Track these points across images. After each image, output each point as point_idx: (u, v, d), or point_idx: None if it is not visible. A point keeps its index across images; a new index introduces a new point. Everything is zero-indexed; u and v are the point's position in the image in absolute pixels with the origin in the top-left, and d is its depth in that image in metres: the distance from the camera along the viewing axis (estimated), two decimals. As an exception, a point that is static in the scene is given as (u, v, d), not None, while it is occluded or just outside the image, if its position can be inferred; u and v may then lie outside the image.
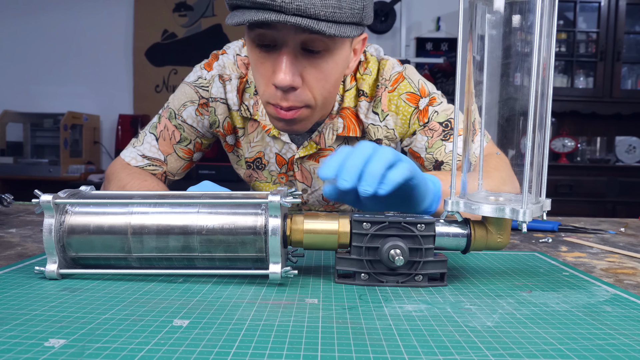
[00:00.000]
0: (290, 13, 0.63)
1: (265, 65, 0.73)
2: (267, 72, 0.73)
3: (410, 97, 0.89)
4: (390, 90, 0.89)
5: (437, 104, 0.90)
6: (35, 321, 0.38)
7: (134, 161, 0.92)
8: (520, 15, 0.49)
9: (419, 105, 0.89)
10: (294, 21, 0.63)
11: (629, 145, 3.29)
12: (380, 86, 0.89)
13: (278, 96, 0.73)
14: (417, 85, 0.90)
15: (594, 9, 3.23)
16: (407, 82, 0.90)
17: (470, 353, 0.34)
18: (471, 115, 0.53)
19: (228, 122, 0.93)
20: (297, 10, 0.63)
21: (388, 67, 0.89)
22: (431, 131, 0.89)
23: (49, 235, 0.49)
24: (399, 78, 0.90)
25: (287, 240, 0.50)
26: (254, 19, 0.63)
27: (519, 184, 0.49)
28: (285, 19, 0.62)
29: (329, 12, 0.64)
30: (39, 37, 3.54)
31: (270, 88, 0.73)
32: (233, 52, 0.92)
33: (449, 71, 3.42)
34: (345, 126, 0.88)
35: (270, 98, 0.74)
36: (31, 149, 3.26)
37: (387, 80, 0.89)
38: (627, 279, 0.56)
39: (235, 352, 0.34)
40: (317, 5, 0.63)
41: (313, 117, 0.79)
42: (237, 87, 0.90)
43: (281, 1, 0.62)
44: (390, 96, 0.89)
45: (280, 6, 0.62)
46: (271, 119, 0.80)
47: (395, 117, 0.90)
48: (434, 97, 0.90)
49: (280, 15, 0.63)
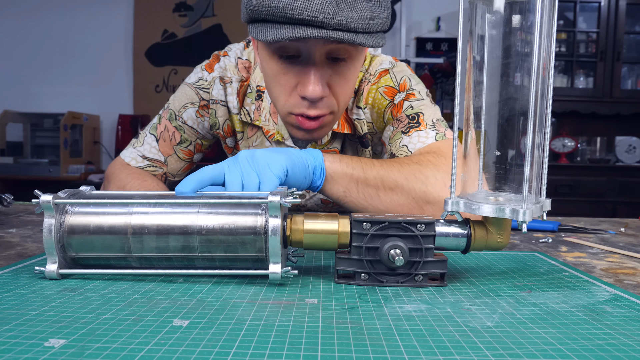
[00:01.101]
0: (332, 28, 0.62)
1: (288, 76, 0.72)
2: (290, 83, 0.72)
3: (388, 90, 0.87)
4: (373, 84, 0.88)
5: (414, 99, 0.86)
6: (35, 321, 0.38)
7: (134, 162, 0.92)
8: (520, 15, 0.49)
9: (394, 99, 0.86)
10: (337, 36, 0.62)
11: (629, 145, 3.30)
12: (364, 80, 0.88)
13: (305, 105, 0.73)
14: (398, 80, 0.87)
15: (594, 9, 3.23)
16: (389, 77, 0.87)
17: (470, 353, 0.34)
18: (470, 114, 0.53)
19: (228, 125, 0.93)
20: (338, 25, 0.62)
21: (376, 62, 0.89)
22: (397, 122, 0.85)
23: (49, 235, 0.49)
24: (383, 73, 0.88)
25: (287, 240, 0.50)
26: (295, 36, 0.62)
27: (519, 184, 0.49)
28: (328, 35, 0.62)
29: (365, 24, 0.64)
30: (39, 37, 3.54)
31: (294, 98, 0.73)
32: (234, 54, 0.92)
33: (449, 71, 3.42)
34: (340, 123, 0.88)
35: (294, 108, 0.74)
36: (31, 149, 3.26)
37: (371, 75, 0.88)
38: (627, 279, 0.56)
39: (235, 352, 0.34)
40: (355, 19, 0.63)
41: (334, 122, 0.79)
42: (238, 91, 0.90)
43: (323, 17, 0.61)
44: (370, 89, 0.88)
45: (322, 22, 0.61)
46: (290, 128, 0.79)
47: (371, 110, 0.89)
48: (413, 93, 0.86)
49: (322, 31, 0.62)
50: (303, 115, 0.74)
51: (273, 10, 0.62)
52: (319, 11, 0.61)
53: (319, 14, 0.61)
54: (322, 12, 0.61)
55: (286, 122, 0.78)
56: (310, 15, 0.61)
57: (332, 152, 0.90)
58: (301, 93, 0.71)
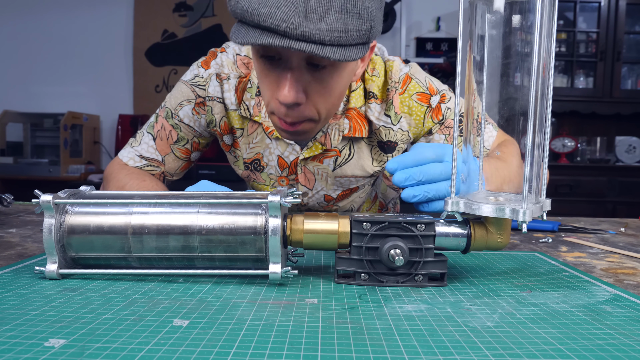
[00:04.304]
0: (294, 38, 0.61)
1: (270, 78, 0.72)
2: (272, 85, 0.73)
3: (421, 96, 0.91)
4: (401, 93, 0.90)
5: (447, 100, 0.92)
6: (35, 321, 0.38)
7: (131, 161, 0.92)
8: (520, 15, 0.49)
9: (430, 103, 0.91)
10: (298, 47, 0.61)
11: (629, 145, 3.30)
12: (391, 89, 0.89)
13: (282, 111, 0.73)
14: (425, 84, 0.91)
15: (594, 9, 3.23)
16: (415, 82, 0.91)
17: (470, 353, 0.34)
18: (473, 113, 0.53)
19: (225, 122, 0.92)
20: (301, 36, 0.61)
21: (395, 69, 0.90)
22: (447, 129, 0.92)
23: (49, 235, 0.49)
24: (407, 79, 0.90)
25: (287, 240, 0.50)
26: (257, 42, 0.62)
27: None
28: (289, 45, 0.61)
29: (334, 37, 0.61)
30: (39, 37, 3.54)
31: (275, 101, 0.73)
32: (233, 51, 0.92)
33: (449, 71, 3.42)
34: (352, 127, 0.88)
35: (274, 110, 0.75)
36: (31, 149, 3.26)
37: (396, 83, 0.90)
38: (627, 279, 0.56)
39: (235, 352, 0.34)
40: (322, 31, 0.61)
41: (317, 128, 0.79)
42: (236, 87, 0.90)
43: (285, 27, 0.60)
44: (401, 98, 0.90)
45: (284, 31, 0.60)
46: (275, 127, 0.80)
47: (409, 118, 0.91)
48: (444, 94, 0.92)
49: (285, 40, 0.61)
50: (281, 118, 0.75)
51: (244, 14, 0.62)
52: (282, 20, 0.59)
53: (282, 23, 0.60)
54: (286, 21, 0.59)
55: (271, 121, 0.79)
56: (273, 24, 0.60)
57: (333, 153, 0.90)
58: (276, 96, 0.72)
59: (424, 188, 0.57)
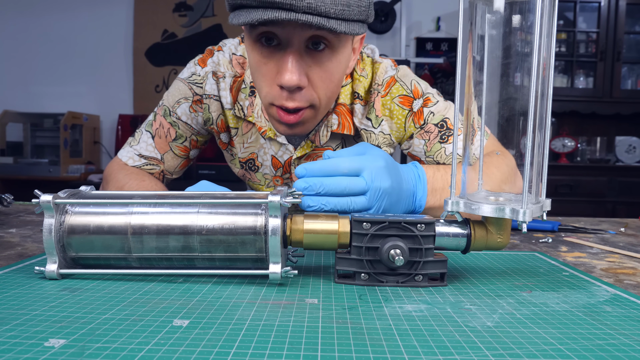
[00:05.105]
0: (301, 11, 0.62)
1: (269, 66, 0.72)
2: (271, 72, 0.72)
3: (403, 99, 0.88)
4: (383, 95, 0.88)
5: (432, 104, 0.88)
6: (35, 321, 0.38)
7: (131, 161, 0.92)
8: (520, 15, 0.49)
9: (412, 107, 0.88)
10: (305, 19, 0.62)
11: (629, 145, 3.30)
12: (373, 91, 0.88)
13: (283, 97, 0.72)
14: (409, 87, 0.89)
15: (594, 9, 3.23)
16: (399, 85, 0.88)
17: (470, 353, 0.34)
18: (470, 115, 0.53)
19: (222, 120, 0.92)
20: (307, 8, 0.62)
21: (381, 71, 0.89)
22: (427, 134, 0.88)
23: (49, 235, 0.49)
24: (391, 82, 0.89)
25: (287, 240, 0.50)
26: (263, 17, 0.62)
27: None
28: (296, 17, 0.61)
29: (338, 10, 0.63)
30: (39, 37, 3.54)
31: (274, 89, 0.73)
32: (229, 50, 0.92)
33: (449, 71, 3.42)
34: (340, 123, 0.88)
35: (275, 99, 0.74)
36: (31, 149, 3.26)
37: (379, 85, 0.88)
38: (627, 279, 0.56)
39: (235, 352, 0.34)
40: (327, 3, 0.62)
41: (316, 118, 0.79)
42: (231, 86, 0.90)
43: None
44: (383, 101, 0.88)
45: (290, 4, 0.61)
46: (273, 122, 0.79)
47: (390, 122, 0.89)
48: (428, 97, 0.88)
49: (291, 13, 0.62)
50: (282, 107, 0.74)
51: None
52: None
53: None
54: None
55: (269, 114, 0.78)
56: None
57: (328, 149, 0.90)
58: (278, 81, 0.71)
59: (322, 200, 0.56)
